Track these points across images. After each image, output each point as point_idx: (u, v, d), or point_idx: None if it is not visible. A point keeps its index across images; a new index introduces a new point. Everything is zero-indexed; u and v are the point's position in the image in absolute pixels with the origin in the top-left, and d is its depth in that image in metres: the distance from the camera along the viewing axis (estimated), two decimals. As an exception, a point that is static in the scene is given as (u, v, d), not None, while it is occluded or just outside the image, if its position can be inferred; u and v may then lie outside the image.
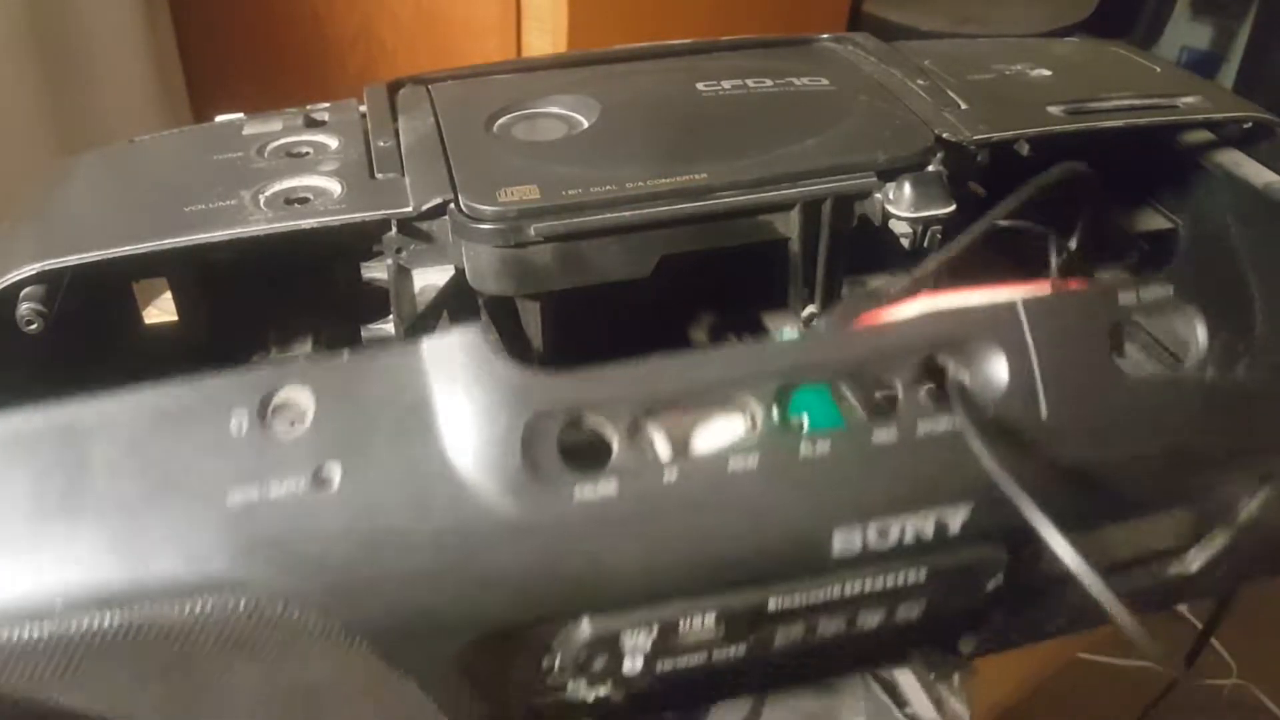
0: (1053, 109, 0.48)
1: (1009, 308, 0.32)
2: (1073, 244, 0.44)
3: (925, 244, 0.43)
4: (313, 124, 0.49)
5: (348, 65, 1.18)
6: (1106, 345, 0.33)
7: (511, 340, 0.45)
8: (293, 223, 0.41)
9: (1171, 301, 0.33)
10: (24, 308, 0.39)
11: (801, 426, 0.32)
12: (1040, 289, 0.33)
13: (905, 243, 0.43)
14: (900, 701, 0.42)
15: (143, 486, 0.30)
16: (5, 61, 0.96)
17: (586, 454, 0.31)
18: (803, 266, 0.45)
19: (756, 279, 0.47)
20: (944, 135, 0.45)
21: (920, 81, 0.49)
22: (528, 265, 0.41)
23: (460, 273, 0.43)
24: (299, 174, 0.44)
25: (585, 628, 0.32)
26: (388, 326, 0.46)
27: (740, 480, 0.31)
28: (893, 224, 0.43)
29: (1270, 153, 0.50)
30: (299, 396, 0.30)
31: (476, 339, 0.31)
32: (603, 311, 0.44)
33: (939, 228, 0.43)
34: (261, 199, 0.43)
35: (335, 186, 0.43)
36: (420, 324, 0.44)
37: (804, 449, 0.31)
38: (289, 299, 0.46)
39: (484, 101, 0.49)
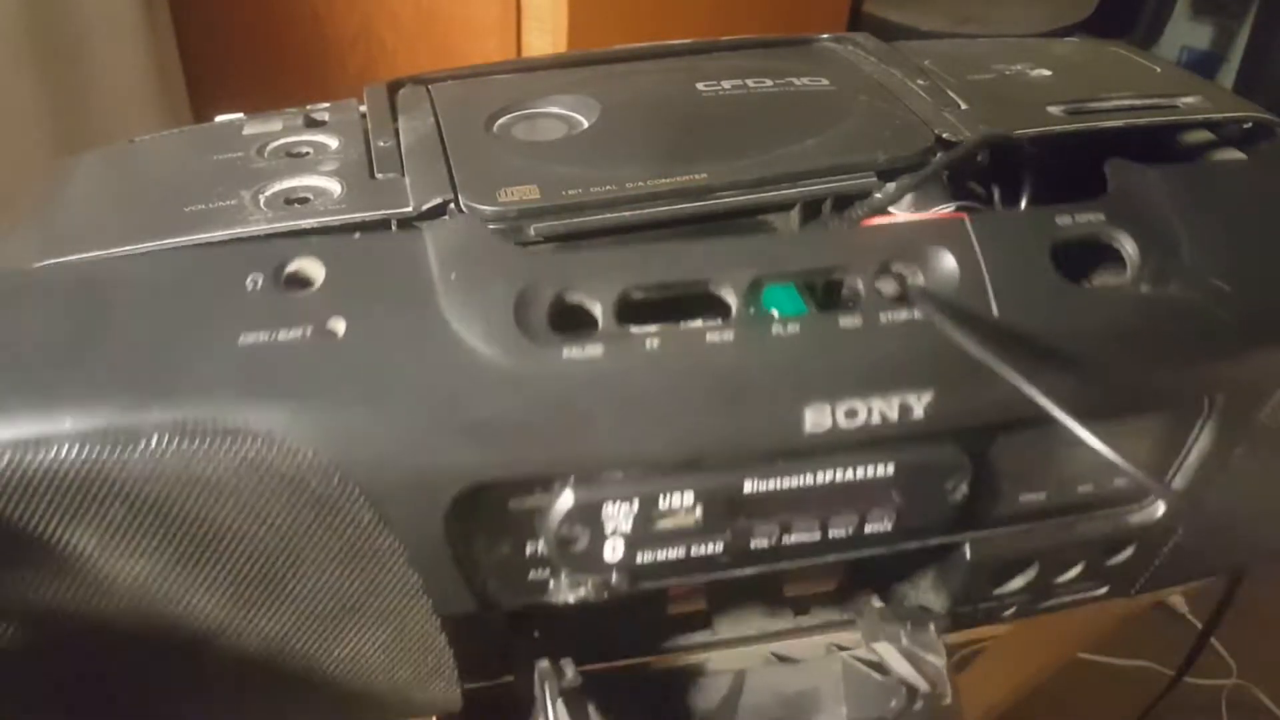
0: (1053, 109, 0.48)
1: (958, 222, 0.36)
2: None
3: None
4: (313, 124, 0.49)
5: (348, 65, 1.18)
6: (1047, 257, 0.36)
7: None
8: (293, 223, 0.41)
9: (1103, 225, 0.36)
10: (24, 308, 0.39)
11: (773, 314, 0.35)
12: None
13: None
14: (881, 670, 0.42)
15: (158, 326, 0.32)
16: (5, 61, 0.96)
17: (573, 329, 0.33)
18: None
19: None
20: (944, 135, 0.45)
21: (920, 81, 0.49)
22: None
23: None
24: (299, 174, 0.44)
25: (568, 497, 0.33)
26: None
27: (717, 351, 0.33)
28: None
29: (1270, 153, 0.50)
30: (311, 266, 0.33)
31: (475, 223, 0.35)
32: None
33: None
34: (261, 199, 0.43)
35: (335, 186, 0.43)
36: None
37: (776, 329, 0.34)
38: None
39: (484, 101, 0.49)
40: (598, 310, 0.34)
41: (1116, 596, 0.45)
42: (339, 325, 0.32)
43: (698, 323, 0.34)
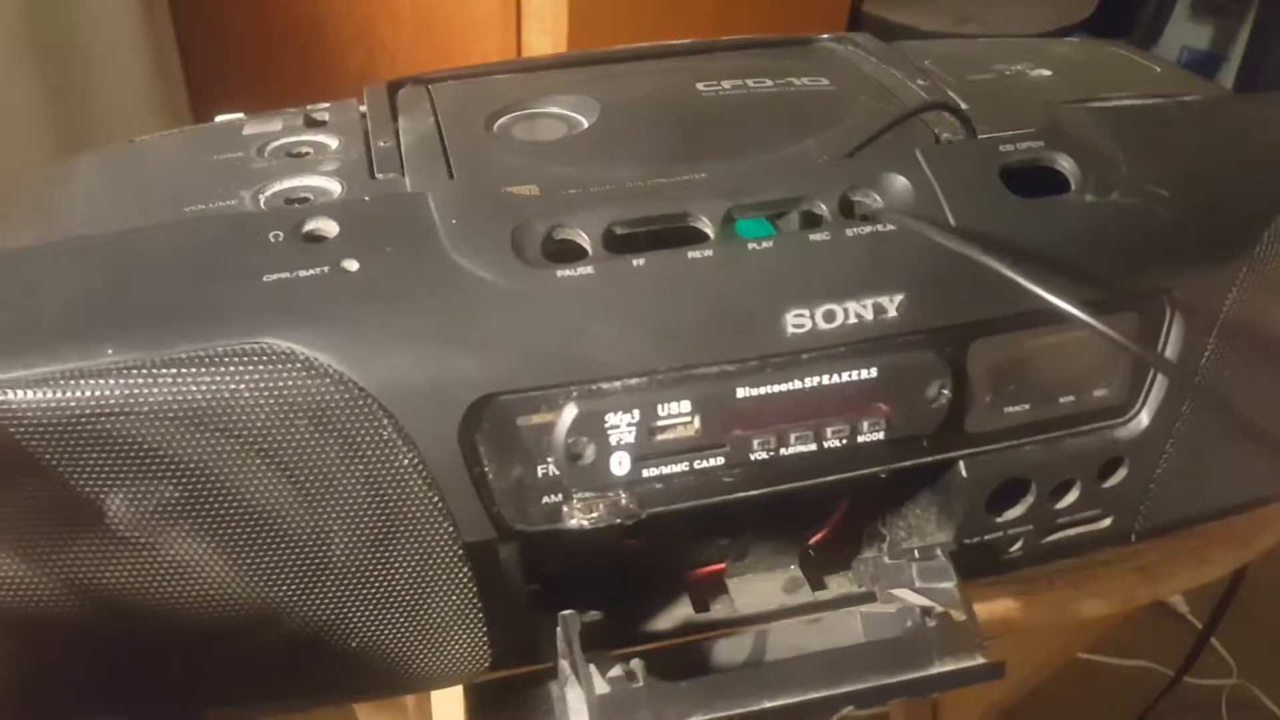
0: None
1: (909, 151, 0.40)
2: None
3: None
4: (313, 124, 0.49)
5: (348, 65, 1.18)
6: (995, 175, 0.40)
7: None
8: (292, 223, 0.41)
9: (1043, 149, 0.40)
10: (24, 307, 0.39)
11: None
12: None
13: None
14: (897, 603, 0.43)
15: (187, 273, 0.36)
16: (5, 61, 0.96)
17: (566, 258, 0.37)
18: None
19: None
20: (944, 135, 0.45)
21: (920, 81, 0.49)
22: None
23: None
24: (299, 174, 0.44)
25: (571, 408, 0.35)
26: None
27: (698, 265, 0.36)
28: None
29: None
30: (326, 224, 0.37)
31: (472, 182, 0.39)
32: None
33: None
34: (261, 199, 0.43)
35: (335, 186, 0.43)
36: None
37: (751, 245, 0.37)
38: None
39: (484, 101, 0.49)
40: (587, 243, 0.37)
41: (1120, 537, 0.45)
42: (352, 264, 0.35)
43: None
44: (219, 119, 0.50)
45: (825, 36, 0.56)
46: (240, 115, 0.50)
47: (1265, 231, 0.41)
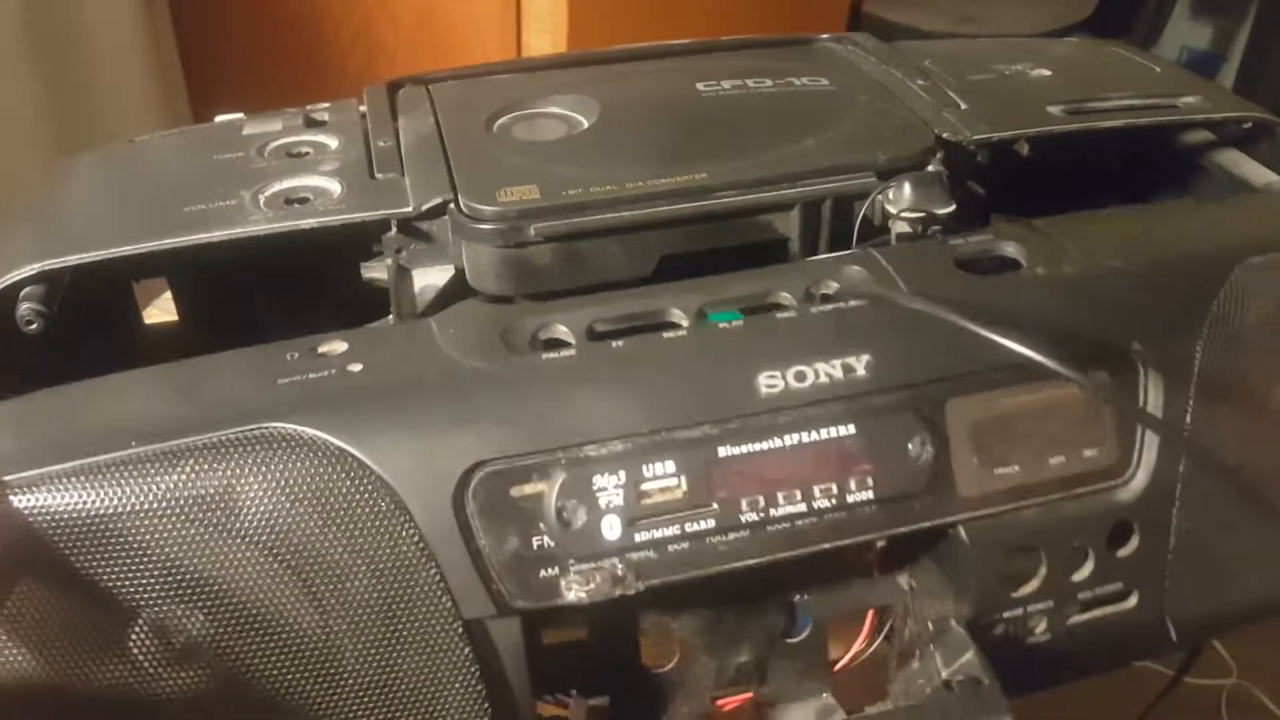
0: (1053, 109, 0.48)
1: (866, 253, 0.42)
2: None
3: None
4: (313, 124, 0.49)
5: (348, 65, 1.18)
6: (949, 261, 0.42)
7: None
8: (293, 223, 0.41)
9: (991, 240, 0.43)
10: (24, 308, 0.39)
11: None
12: None
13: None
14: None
15: (212, 372, 0.38)
16: (5, 61, 0.96)
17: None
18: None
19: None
20: (944, 135, 0.45)
21: (920, 81, 0.49)
22: (528, 265, 0.41)
23: (460, 272, 0.43)
24: (299, 174, 0.44)
25: (560, 473, 0.37)
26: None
27: (674, 343, 0.39)
28: (892, 223, 0.43)
29: (1270, 153, 0.50)
30: (336, 344, 0.39)
31: (473, 303, 0.42)
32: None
33: (939, 227, 0.43)
34: (261, 199, 0.43)
35: (335, 186, 0.43)
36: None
37: (722, 326, 0.40)
38: (289, 299, 0.46)
39: (484, 101, 0.49)
40: (570, 337, 0.39)
41: (1154, 626, 0.44)
42: (356, 366, 0.38)
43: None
44: (219, 119, 0.50)
45: (825, 36, 0.56)
46: (240, 115, 0.50)
47: (1221, 289, 0.42)
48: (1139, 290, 0.42)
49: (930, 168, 0.44)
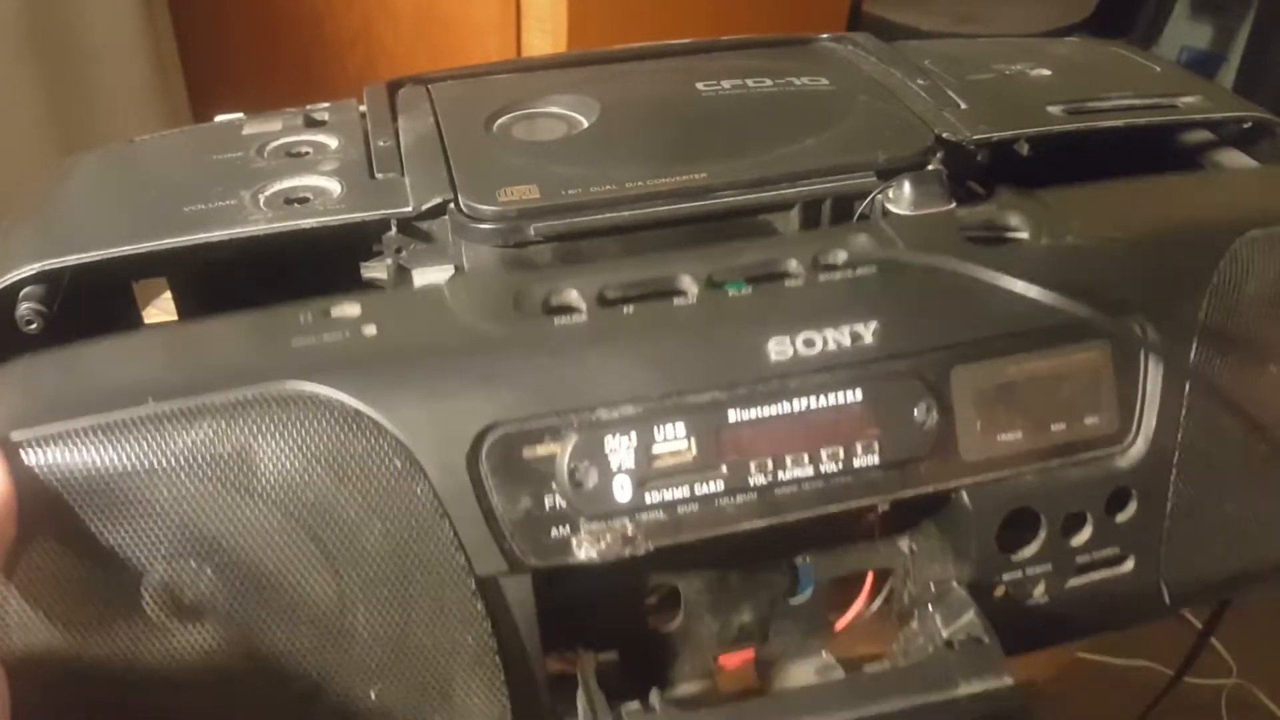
0: (1052, 109, 0.48)
1: (872, 224, 0.43)
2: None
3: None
4: (313, 124, 0.49)
5: (348, 65, 1.18)
6: (956, 231, 0.42)
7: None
8: (292, 223, 0.41)
9: (996, 210, 0.44)
10: (24, 307, 0.39)
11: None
12: None
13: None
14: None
15: (224, 333, 0.40)
16: (5, 61, 0.96)
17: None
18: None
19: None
20: (944, 135, 0.45)
21: (920, 81, 0.49)
22: (528, 265, 0.41)
23: (460, 272, 0.43)
24: (299, 174, 0.44)
25: (573, 435, 0.37)
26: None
27: (684, 309, 0.39)
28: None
29: (1270, 152, 0.50)
30: (350, 308, 0.39)
31: (483, 255, 0.42)
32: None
33: None
34: (261, 199, 0.43)
35: (335, 186, 0.43)
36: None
37: (731, 293, 0.40)
38: (289, 299, 0.46)
39: (484, 101, 0.49)
40: (580, 303, 0.39)
41: (1150, 591, 0.45)
42: (370, 329, 0.38)
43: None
44: (219, 119, 0.50)
45: (825, 36, 0.56)
46: (240, 115, 0.50)
47: (1221, 261, 0.42)
48: (1141, 261, 0.42)
49: (930, 167, 0.44)
